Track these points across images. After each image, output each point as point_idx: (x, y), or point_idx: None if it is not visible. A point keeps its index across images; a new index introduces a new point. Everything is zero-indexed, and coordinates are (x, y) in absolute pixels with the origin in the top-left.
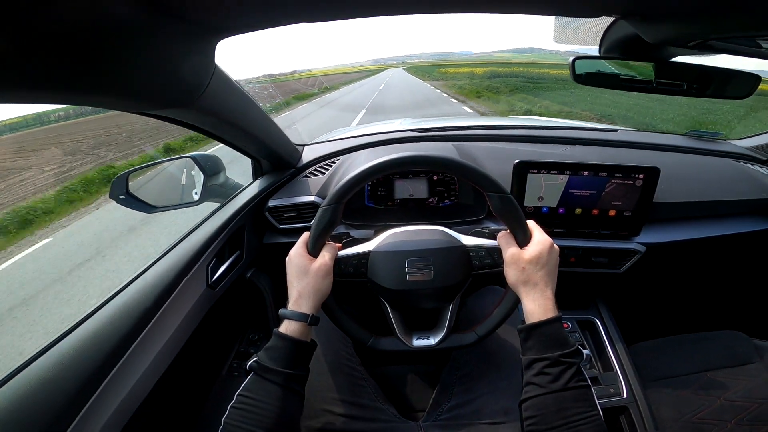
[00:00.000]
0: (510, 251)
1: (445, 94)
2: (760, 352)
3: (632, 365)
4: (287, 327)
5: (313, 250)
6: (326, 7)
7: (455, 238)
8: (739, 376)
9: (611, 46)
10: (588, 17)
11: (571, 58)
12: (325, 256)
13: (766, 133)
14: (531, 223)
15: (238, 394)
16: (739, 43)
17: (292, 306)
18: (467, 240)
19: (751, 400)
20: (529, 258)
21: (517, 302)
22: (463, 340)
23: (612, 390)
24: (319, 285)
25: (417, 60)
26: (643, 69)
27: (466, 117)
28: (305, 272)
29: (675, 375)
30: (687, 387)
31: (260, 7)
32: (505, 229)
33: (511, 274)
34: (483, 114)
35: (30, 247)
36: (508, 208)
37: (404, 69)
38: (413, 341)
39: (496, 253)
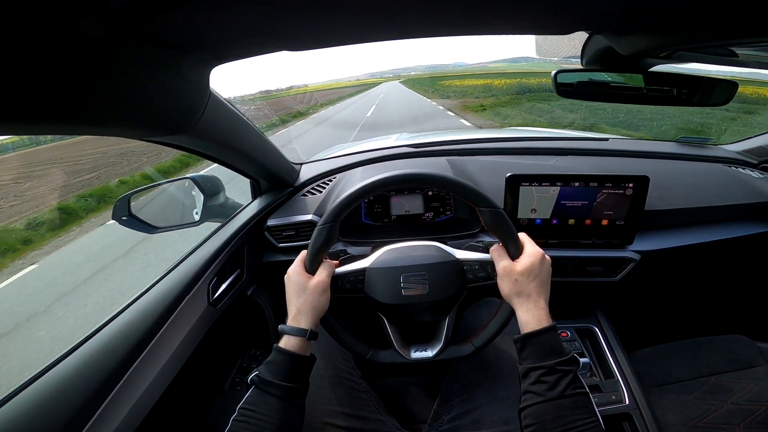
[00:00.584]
0: (502, 264)
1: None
2: (764, 356)
3: (633, 372)
4: (287, 342)
5: (311, 268)
6: (317, 36)
7: (449, 253)
8: (744, 379)
9: (591, 59)
10: (562, 34)
11: (553, 72)
12: (323, 274)
13: (755, 136)
14: (522, 236)
15: (240, 407)
16: (710, 52)
17: (291, 322)
18: (461, 254)
19: (758, 404)
20: (521, 270)
21: (512, 313)
22: (461, 351)
23: (614, 397)
24: (316, 302)
25: (413, 72)
26: (632, 77)
27: (461, 131)
28: (303, 289)
29: (678, 380)
30: (691, 392)
31: (252, 38)
32: (498, 243)
33: (504, 286)
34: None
35: None
36: (499, 223)
37: (401, 82)
38: (411, 353)
39: (489, 266)
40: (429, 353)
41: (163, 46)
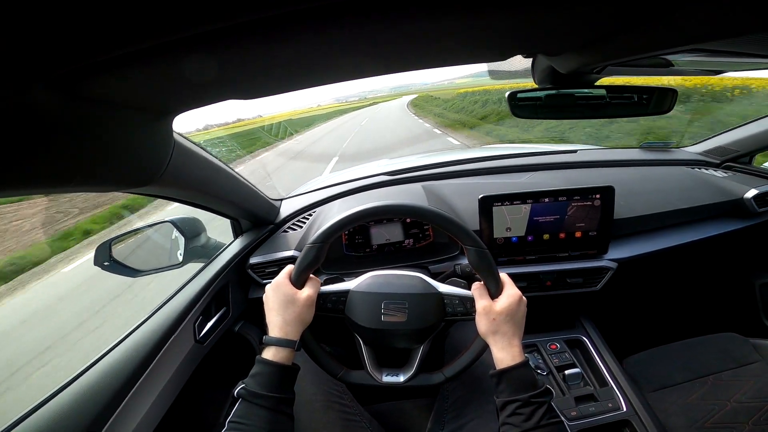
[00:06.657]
0: (482, 304)
1: None
2: (760, 351)
3: (626, 378)
4: (274, 354)
5: (297, 283)
6: (267, 85)
7: (432, 286)
8: (743, 377)
9: (541, 78)
10: (500, 60)
11: (506, 93)
12: (310, 290)
13: (714, 136)
14: (504, 276)
15: (229, 421)
16: (642, 64)
17: (277, 333)
18: (443, 288)
19: (762, 400)
20: (499, 310)
21: (485, 348)
22: (431, 380)
23: (610, 405)
24: (305, 315)
25: (379, 95)
26: (568, 95)
27: (435, 154)
28: (292, 301)
29: (677, 383)
30: (692, 393)
31: (201, 92)
32: (480, 281)
33: (482, 324)
34: None
35: None
36: (484, 262)
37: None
38: (383, 377)
39: (468, 303)
40: (400, 378)
41: (117, 106)
